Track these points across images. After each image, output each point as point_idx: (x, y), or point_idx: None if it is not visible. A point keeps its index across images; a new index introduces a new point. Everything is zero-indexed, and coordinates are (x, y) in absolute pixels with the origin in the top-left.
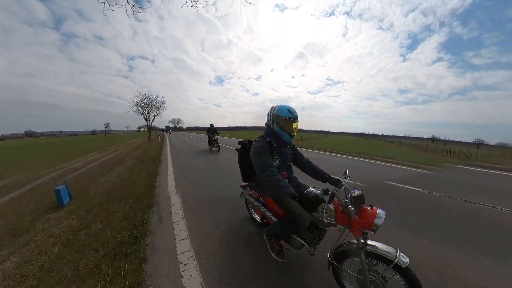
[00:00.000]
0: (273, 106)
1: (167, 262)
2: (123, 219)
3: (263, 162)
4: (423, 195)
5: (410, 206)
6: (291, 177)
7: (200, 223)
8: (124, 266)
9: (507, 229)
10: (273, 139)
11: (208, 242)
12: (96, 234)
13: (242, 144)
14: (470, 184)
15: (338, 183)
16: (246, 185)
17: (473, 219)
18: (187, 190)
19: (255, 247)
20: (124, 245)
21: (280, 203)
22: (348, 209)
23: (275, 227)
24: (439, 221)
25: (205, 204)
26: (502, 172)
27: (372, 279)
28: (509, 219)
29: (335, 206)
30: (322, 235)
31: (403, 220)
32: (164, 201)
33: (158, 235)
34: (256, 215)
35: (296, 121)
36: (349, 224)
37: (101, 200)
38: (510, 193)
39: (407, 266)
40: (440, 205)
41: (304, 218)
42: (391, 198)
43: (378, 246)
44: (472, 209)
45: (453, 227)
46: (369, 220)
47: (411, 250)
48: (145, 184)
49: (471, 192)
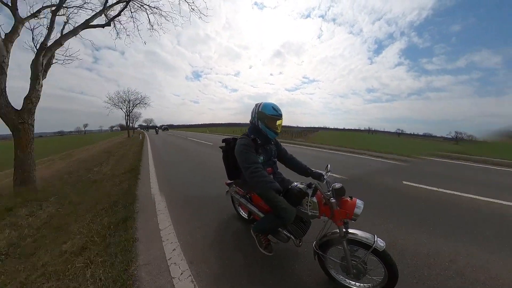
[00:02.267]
0: (258, 103)
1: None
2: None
3: (248, 159)
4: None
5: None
6: (276, 173)
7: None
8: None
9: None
10: (258, 136)
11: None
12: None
13: (227, 141)
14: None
15: (321, 177)
16: (232, 183)
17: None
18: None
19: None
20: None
21: (266, 199)
22: (330, 201)
23: (262, 223)
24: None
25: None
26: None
27: (354, 264)
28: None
29: (318, 199)
30: (307, 227)
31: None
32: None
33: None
34: (242, 212)
35: (280, 118)
36: (331, 215)
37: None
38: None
39: (384, 250)
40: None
41: (289, 211)
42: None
43: (358, 234)
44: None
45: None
46: (350, 210)
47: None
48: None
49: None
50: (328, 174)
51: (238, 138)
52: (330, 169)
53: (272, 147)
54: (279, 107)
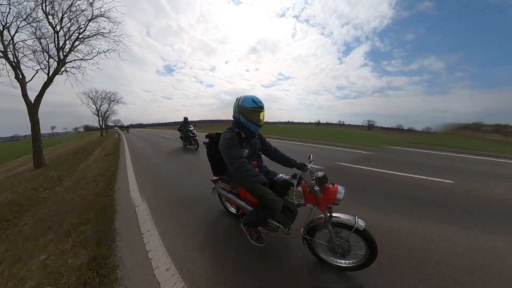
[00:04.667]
0: (238, 98)
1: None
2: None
3: (233, 154)
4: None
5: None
6: (261, 166)
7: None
8: None
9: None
10: (241, 130)
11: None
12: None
13: (210, 137)
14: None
15: (304, 167)
16: (218, 179)
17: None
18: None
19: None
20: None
21: (253, 192)
22: (314, 189)
23: (251, 216)
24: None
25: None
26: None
27: (339, 244)
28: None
29: (303, 188)
30: (294, 215)
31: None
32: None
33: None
34: (231, 208)
35: (262, 110)
36: (316, 202)
37: None
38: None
39: (364, 229)
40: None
41: (277, 202)
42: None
43: (341, 217)
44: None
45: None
46: (332, 196)
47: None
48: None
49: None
50: (311, 164)
51: (222, 133)
52: (313, 159)
53: (257, 141)
54: (260, 99)
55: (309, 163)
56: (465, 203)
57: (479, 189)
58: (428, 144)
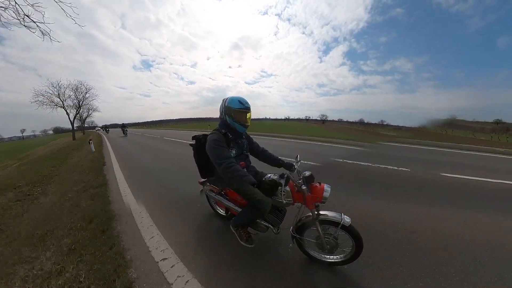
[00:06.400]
0: (225, 98)
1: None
2: None
3: (221, 155)
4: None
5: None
6: (249, 166)
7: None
8: None
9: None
10: (228, 131)
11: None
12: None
13: (197, 138)
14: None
15: (291, 167)
16: (205, 181)
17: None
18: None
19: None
20: None
21: (242, 192)
22: (302, 188)
23: (240, 217)
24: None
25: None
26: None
27: (327, 240)
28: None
29: (291, 187)
30: (283, 215)
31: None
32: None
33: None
34: (220, 210)
35: (248, 111)
36: (304, 201)
37: None
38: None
39: (350, 225)
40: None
41: (265, 202)
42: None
43: (328, 214)
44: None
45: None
46: (319, 195)
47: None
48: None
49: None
50: (298, 163)
51: (208, 134)
52: (300, 159)
53: (244, 141)
54: (246, 100)
55: (297, 163)
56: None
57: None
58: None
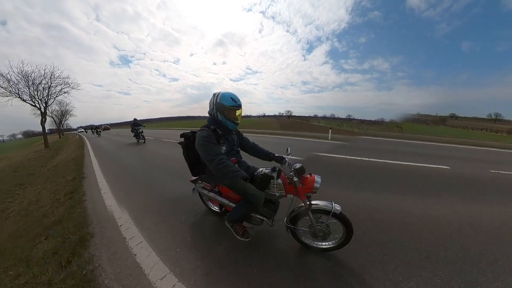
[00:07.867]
0: (215, 93)
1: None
2: None
3: (211, 151)
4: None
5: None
6: (241, 162)
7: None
8: None
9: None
10: (218, 127)
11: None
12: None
13: (186, 136)
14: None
15: (282, 160)
16: (197, 179)
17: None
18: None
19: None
20: None
21: (235, 188)
22: (294, 180)
23: (234, 212)
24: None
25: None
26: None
27: (319, 228)
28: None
29: (282, 180)
30: (276, 207)
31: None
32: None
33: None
34: (214, 207)
35: (240, 108)
36: (296, 192)
37: None
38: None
39: (340, 212)
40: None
41: (259, 196)
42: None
43: (319, 203)
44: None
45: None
46: (310, 186)
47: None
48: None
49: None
50: (289, 156)
51: (197, 131)
52: (290, 152)
53: (234, 137)
54: (238, 97)
55: (287, 156)
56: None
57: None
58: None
